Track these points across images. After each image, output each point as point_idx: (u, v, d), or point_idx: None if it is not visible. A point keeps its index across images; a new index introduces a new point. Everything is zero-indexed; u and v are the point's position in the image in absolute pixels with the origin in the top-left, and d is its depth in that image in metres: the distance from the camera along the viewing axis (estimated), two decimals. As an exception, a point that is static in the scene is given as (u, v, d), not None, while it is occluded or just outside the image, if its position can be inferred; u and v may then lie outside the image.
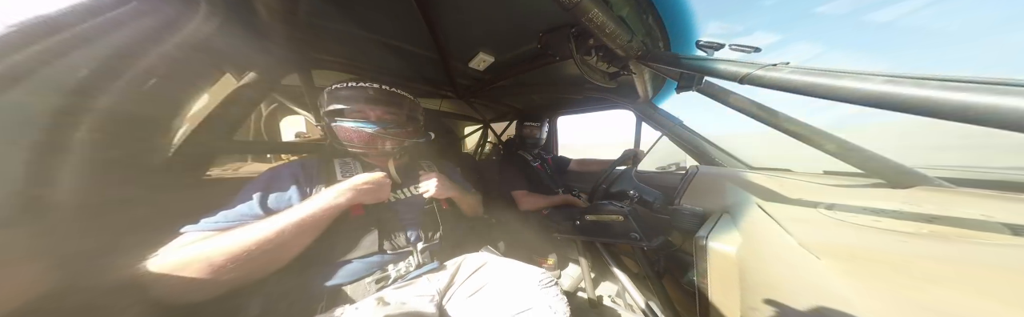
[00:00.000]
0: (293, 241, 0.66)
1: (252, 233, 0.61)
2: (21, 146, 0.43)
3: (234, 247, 0.59)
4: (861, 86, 0.40)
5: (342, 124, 0.88)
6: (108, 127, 0.56)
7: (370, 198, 0.81)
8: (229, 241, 0.60)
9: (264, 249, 0.61)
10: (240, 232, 0.61)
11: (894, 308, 0.27)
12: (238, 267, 0.58)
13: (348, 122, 0.88)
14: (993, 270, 0.28)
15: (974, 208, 0.47)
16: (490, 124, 3.00)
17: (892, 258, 0.33)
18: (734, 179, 1.00)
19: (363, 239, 0.79)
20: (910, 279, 0.31)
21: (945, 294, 0.28)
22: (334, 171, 0.89)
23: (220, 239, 0.60)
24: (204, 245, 0.59)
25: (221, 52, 0.84)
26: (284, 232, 0.64)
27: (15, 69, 0.40)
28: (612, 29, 0.80)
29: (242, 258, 0.59)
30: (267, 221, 0.65)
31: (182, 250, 0.58)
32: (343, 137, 0.90)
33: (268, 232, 0.62)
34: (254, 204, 0.72)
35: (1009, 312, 0.25)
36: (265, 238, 0.62)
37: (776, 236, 0.45)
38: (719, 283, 0.55)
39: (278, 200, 0.76)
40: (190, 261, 0.56)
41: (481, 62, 1.37)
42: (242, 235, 0.61)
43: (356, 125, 0.88)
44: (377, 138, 0.90)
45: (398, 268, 0.82)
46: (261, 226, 0.63)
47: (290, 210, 0.68)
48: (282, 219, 0.65)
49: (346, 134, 0.90)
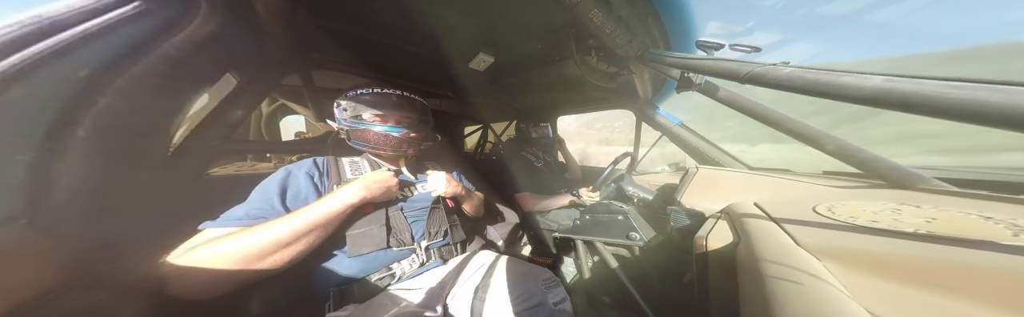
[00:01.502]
0: (311, 236, 0.67)
1: (276, 229, 0.63)
2: (23, 145, 0.43)
3: (260, 242, 0.61)
4: (861, 85, 0.40)
5: (369, 128, 0.92)
6: (109, 126, 0.56)
7: (381, 196, 0.83)
8: (256, 237, 0.61)
9: (289, 244, 0.63)
10: (266, 229, 0.63)
11: (894, 311, 0.27)
12: (262, 261, 0.60)
13: (377, 126, 0.92)
14: (993, 273, 0.28)
15: (974, 209, 0.47)
16: (490, 124, 3.00)
17: (892, 260, 0.33)
18: (733, 179, 1.00)
19: (370, 236, 0.80)
20: (910, 282, 0.31)
21: (945, 297, 0.28)
22: (344, 169, 0.93)
23: (248, 235, 0.61)
24: (231, 240, 0.60)
25: (222, 52, 0.84)
26: (311, 228, 0.66)
27: (17, 68, 0.40)
28: (612, 29, 0.80)
29: (266, 252, 0.61)
30: (291, 218, 0.66)
31: (209, 246, 0.59)
32: (366, 139, 0.94)
33: (295, 228, 0.64)
34: (275, 201, 0.74)
35: (1010, 316, 0.25)
36: (292, 234, 0.64)
37: (775, 237, 0.45)
38: (719, 284, 0.55)
39: (296, 198, 0.78)
40: (218, 257, 0.58)
41: (481, 62, 1.37)
42: (267, 231, 0.62)
43: (384, 129, 0.92)
44: (403, 142, 0.94)
45: (403, 266, 0.83)
46: (285, 222, 0.65)
47: (310, 207, 0.70)
48: (306, 215, 0.67)
49: (372, 137, 0.93)
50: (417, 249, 0.86)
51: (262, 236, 0.61)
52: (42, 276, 0.43)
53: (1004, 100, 0.29)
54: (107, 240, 0.57)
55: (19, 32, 0.40)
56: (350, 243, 0.77)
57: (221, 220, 0.67)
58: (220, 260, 0.57)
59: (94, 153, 0.54)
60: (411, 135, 0.96)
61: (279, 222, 0.65)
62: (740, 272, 0.45)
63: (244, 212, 0.70)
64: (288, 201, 0.76)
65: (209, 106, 1.02)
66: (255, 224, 0.66)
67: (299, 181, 0.82)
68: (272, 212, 0.72)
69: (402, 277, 0.81)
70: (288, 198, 0.77)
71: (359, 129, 0.93)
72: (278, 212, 0.72)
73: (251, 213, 0.70)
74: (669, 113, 1.70)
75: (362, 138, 0.94)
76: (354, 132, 0.94)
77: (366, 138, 0.93)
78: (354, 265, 0.77)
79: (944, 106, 0.33)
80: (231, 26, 0.78)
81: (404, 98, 0.98)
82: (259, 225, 0.64)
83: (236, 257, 0.58)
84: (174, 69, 0.65)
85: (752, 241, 0.46)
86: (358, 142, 0.96)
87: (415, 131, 0.98)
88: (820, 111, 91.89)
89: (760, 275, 0.37)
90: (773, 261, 0.38)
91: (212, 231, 0.65)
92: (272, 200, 0.74)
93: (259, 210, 0.71)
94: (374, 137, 0.93)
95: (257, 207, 0.72)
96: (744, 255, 0.47)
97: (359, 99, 0.94)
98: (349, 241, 0.78)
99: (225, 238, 0.61)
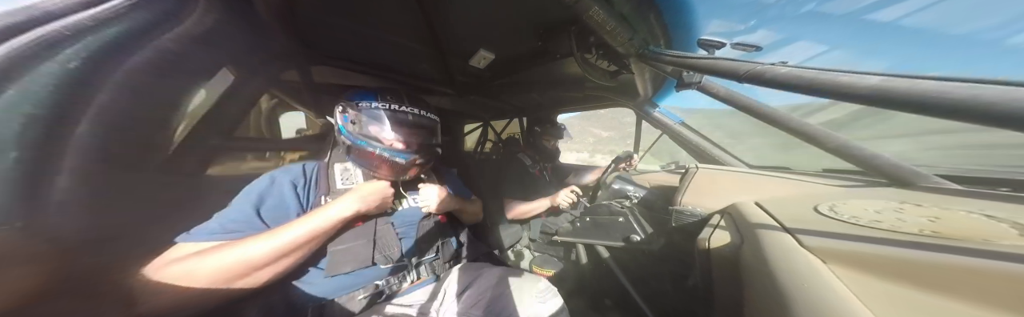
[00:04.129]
0: (294, 255, 0.63)
1: (252, 248, 0.59)
2: (18, 142, 0.42)
3: (232, 263, 0.56)
4: (858, 84, 0.40)
5: (375, 150, 0.82)
6: (105, 123, 0.55)
7: (376, 209, 0.79)
8: (227, 256, 0.57)
9: (268, 265, 0.59)
10: (241, 247, 0.58)
11: (900, 314, 0.27)
12: (236, 281, 0.57)
13: (383, 150, 0.82)
14: (998, 274, 0.28)
15: (976, 207, 0.47)
16: (490, 122, 2.99)
17: (897, 261, 0.33)
18: (734, 178, 1.00)
19: (356, 252, 0.75)
20: (916, 283, 0.31)
21: (950, 299, 0.28)
22: (334, 179, 0.86)
23: (219, 254, 0.57)
24: (201, 260, 0.56)
25: (219, 48, 0.83)
26: (293, 247, 0.62)
27: (7, 62, 0.39)
28: (613, 27, 0.79)
29: (239, 274, 0.57)
30: (270, 235, 0.62)
31: (180, 263, 0.55)
32: (368, 160, 0.85)
33: (276, 247, 0.60)
34: (251, 215, 0.68)
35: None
36: (272, 254, 0.59)
37: (778, 238, 0.44)
38: (722, 285, 0.55)
39: (276, 210, 0.72)
40: (185, 276, 0.53)
41: (481, 59, 1.36)
42: (242, 250, 0.58)
43: (390, 154, 0.83)
44: (406, 168, 0.87)
45: (390, 284, 0.78)
46: (263, 240, 0.60)
47: (296, 223, 0.65)
48: (289, 233, 0.63)
49: (375, 160, 0.84)
50: (406, 265, 0.82)
51: (234, 256, 0.57)
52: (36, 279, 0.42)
53: (1002, 99, 0.29)
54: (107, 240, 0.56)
55: (7, 22, 0.39)
56: (330, 260, 0.72)
57: (194, 234, 0.62)
58: (190, 280, 0.53)
59: (91, 151, 0.53)
60: (417, 161, 0.87)
61: (256, 240, 0.60)
62: (744, 274, 0.45)
63: (219, 224, 0.64)
64: (265, 213, 0.70)
65: (207, 102, 1.01)
66: (230, 239, 0.61)
67: (282, 191, 0.76)
68: (249, 225, 0.66)
69: (390, 295, 0.77)
70: (265, 209, 0.70)
71: (362, 148, 0.83)
72: (256, 225, 0.67)
73: (226, 226, 0.64)
74: (669, 111, 1.69)
75: (363, 157, 0.85)
76: (356, 149, 0.85)
77: (368, 159, 0.85)
78: (333, 282, 0.72)
79: (942, 105, 0.33)
80: (229, 20, 0.77)
81: (421, 118, 0.88)
82: (235, 242, 0.60)
83: (205, 279, 0.54)
84: (171, 63, 0.64)
85: (755, 243, 0.46)
86: (357, 159, 0.88)
87: (423, 157, 0.88)
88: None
89: (765, 278, 0.36)
90: (777, 263, 0.37)
91: (184, 246, 0.60)
92: (248, 211, 0.68)
93: (234, 223, 0.65)
94: (377, 161, 0.84)
95: (232, 219, 0.66)
96: (748, 257, 0.47)
97: (370, 112, 0.83)
98: (329, 258, 0.72)
99: (195, 257, 0.56)
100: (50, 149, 0.46)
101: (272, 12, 0.91)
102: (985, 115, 0.30)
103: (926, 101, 0.34)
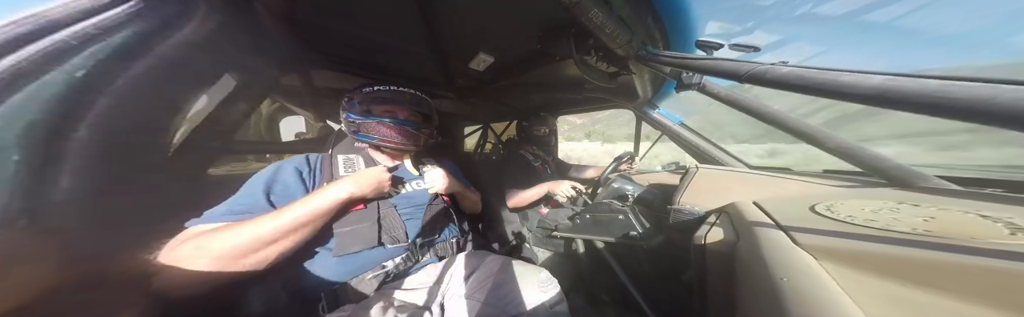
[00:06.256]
0: (297, 234, 0.66)
1: (258, 226, 0.62)
2: (21, 146, 0.43)
3: (241, 239, 0.59)
4: (860, 84, 0.40)
5: (381, 120, 0.94)
6: (107, 127, 0.55)
7: (372, 192, 0.82)
8: (236, 234, 0.60)
9: (273, 242, 0.62)
10: (248, 225, 0.62)
11: (890, 311, 0.27)
12: (243, 259, 0.59)
13: (390, 119, 0.94)
14: (989, 272, 0.28)
15: (972, 208, 0.47)
16: (490, 124, 2.99)
17: (888, 259, 0.33)
18: (734, 179, 1.00)
19: (362, 233, 0.79)
20: (906, 281, 0.31)
21: (941, 296, 0.28)
22: (337, 166, 0.92)
23: (229, 232, 0.60)
24: (211, 237, 0.59)
25: (222, 53, 0.83)
26: (295, 225, 0.65)
27: (13, 68, 0.40)
28: (612, 29, 0.80)
29: (247, 250, 0.59)
30: (274, 215, 0.65)
31: (188, 243, 0.58)
32: (376, 132, 0.94)
33: (278, 225, 0.63)
34: (260, 197, 0.72)
35: (1006, 315, 0.25)
36: (276, 231, 0.62)
37: (774, 236, 0.45)
38: (717, 282, 0.55)
39: (283, 194, 0.77)
40: (196, 253, 0.56)
41: (481, 62, 1.37)
42: (249, 228, 0.61)
43: (397, 122, 0.95)
44: (412, 134, 0.97)
45: (397, 264, 0.82)
46: (267, 219, 0.63)
47: (296, 203, 0.69)
48: (291, 212, 0.66)
49: (383, 130, 0.94)
50: (412, 247, 0.86)
51: (242, 233, 0.60)
52: (41, 277, 0.43)
53: (1007, 99, 0.29)
54: (106, 241, 0.56)
55: (14, 32, 0.40)
56: (337, 241, 0.76)
57: (205, 217, 0.66)
58: (200, 258, 0.56)
59: (93, 154, 0.54)
60: (423, 129, 1.00)
61: (261, 219, 0.63)
62: (738, 271, 0.45)
63: (227, 208, 0.69)
64: (273, 196, 0.75)
65: (209, 106, 1.02)
66: (237, 219, 0.64)
67: (287, 176, 0.81)
68: (257, 207, 0.70)
69: (397, 275, 0.81)
70: (274, 194, 0.75)
71: (369, 122, 0.94)
72: (264, 207, 0.71)
73: (234, 209, 0.68)
74: (669, 112, 1.70)
75: (371, 131, 0.94)
76: (364, 125, 0.94)
77: (376, 130, 0.94)
78: (343, 263, 0.76)
79: (946, 105, 0.33)
80: (231, 26, 0.77)
81: (416, 96, 1.01)
82: (245, 221, 0.63)
83: (215, 254, 0.57)
84: (173, 70, 0.65)
85: (750, 241, 0.46)
86: (365, 135, 0.95)
87: (424, 127, 1.01)
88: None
89: (758, 274, 0.37)
90: (771, 260, 0.38)
91: (195, 228, 0.64)
92: (257, 195, 0.73)
93: (242, 206, 0.70)
94: (385, 130, 0.94)
95: (241, 203, 0.70)
96: (742, 254, 0.47)
97: (372, 95, 0.96)
98: (337, 239, 0.76)
99: (207, 233, 0.60)
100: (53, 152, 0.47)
101: (273, 17, 0.91)
102: (993, 115, 0.30)
103: (931, 101, 0.33)
